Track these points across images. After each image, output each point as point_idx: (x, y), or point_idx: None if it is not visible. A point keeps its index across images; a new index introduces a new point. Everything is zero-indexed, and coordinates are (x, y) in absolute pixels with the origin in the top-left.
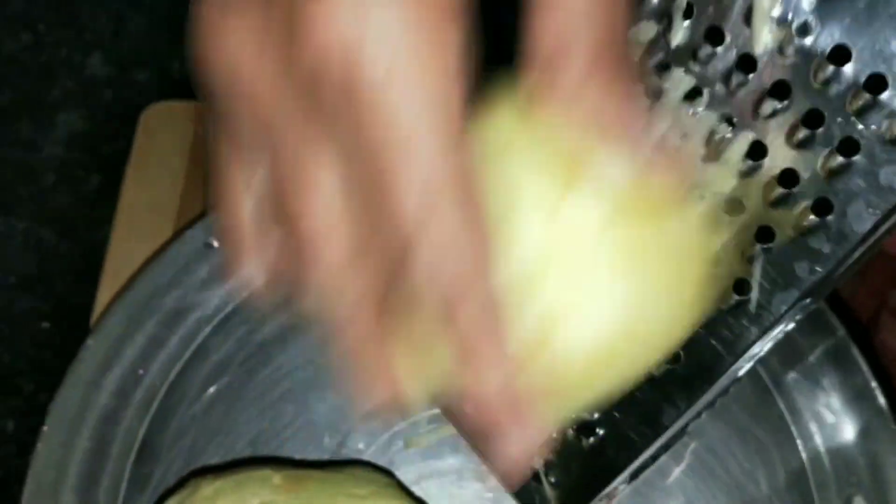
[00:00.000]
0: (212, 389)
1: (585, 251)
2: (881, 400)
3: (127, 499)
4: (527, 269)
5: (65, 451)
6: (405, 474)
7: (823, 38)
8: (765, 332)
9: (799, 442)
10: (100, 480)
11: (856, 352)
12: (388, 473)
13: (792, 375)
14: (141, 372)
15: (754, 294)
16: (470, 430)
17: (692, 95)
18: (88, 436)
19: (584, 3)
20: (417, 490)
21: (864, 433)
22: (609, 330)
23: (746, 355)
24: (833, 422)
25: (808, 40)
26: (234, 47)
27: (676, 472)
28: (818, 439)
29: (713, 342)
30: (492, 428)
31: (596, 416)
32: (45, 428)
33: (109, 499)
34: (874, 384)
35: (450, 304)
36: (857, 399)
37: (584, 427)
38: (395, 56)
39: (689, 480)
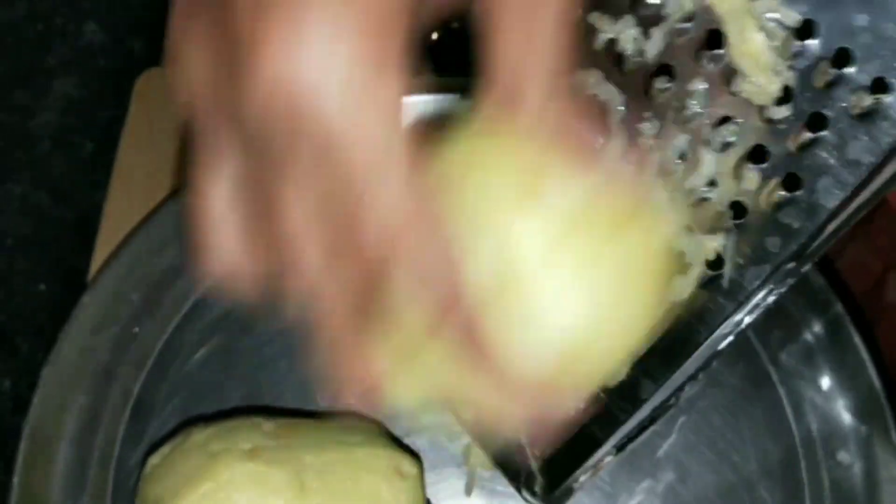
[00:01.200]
0: (205, 347)
1: (540, 265)
2: (875, 377)
3: (122, 452)
4: (485, 283)
5: (61, 406)
6: (396, 429)
7: (791, 14)
8: (739, 306)
9: (789, 414)
10: (96, 435)
11: (851, 328)
12: (378, 425)
13: (785, 349)
14: (136, 330)
15: (727, 269)
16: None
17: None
18: (84, 392)
19: (539, 29)
20: (408, 443)
21: (856, 407)
22: (566, 339)
23: (725, 327)
24: (825, 395)
25: (776, 16)
26: (192, 74)
27: (667, 444)
28: (809, 412)
29: (688, 317)
30: (528, 410)
31: None
32: (41, 383)
33: (105, 453)
34: (868, 360)
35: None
36: (851, 376)
37: None
38: (342, 95)
39: (680, 452)
